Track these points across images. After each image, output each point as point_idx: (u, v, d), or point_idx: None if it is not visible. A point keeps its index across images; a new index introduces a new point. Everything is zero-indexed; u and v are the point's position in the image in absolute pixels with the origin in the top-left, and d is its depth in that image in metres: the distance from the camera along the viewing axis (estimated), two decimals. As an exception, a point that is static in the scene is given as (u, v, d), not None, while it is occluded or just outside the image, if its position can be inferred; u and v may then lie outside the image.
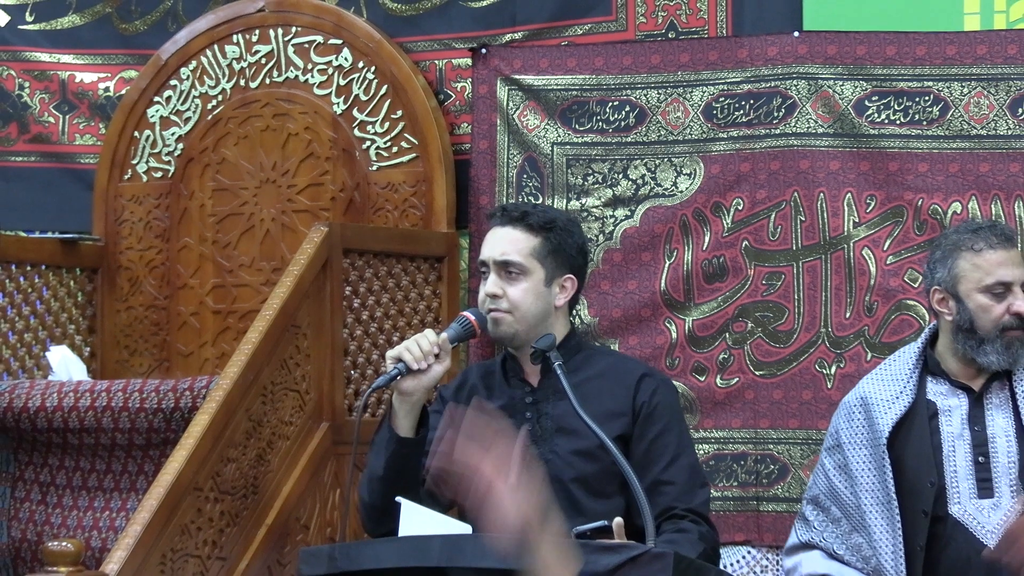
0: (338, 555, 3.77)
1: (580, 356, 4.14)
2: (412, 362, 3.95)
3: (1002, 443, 4.10)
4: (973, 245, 4.14)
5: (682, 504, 3.97)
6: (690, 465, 4.05)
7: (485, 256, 4.10)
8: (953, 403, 4.15)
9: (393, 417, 4.02)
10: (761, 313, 5.33)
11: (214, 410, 4.63)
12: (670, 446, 4.02)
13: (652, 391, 4.07)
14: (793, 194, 5.30)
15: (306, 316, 5.02)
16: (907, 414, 4.14)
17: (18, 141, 6.27)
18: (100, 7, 6.21)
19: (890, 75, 5.22)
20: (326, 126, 5.79)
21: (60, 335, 5.78)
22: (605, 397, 4.06)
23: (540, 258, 4.07)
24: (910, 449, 4.13)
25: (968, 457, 4.10)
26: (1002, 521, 4.04)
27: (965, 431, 4.12)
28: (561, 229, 4.12)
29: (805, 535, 4.25)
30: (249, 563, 4.71)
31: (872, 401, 4.19)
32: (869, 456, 4.16)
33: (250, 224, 5.86)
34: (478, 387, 4.16)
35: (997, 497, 4.07)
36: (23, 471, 5.14)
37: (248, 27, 5.92)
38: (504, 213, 4.13)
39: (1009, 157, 5.12)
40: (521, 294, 4.06)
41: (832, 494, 4.21)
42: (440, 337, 4.01)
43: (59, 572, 4.10)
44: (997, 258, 4.12)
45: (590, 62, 5.54)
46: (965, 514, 4.08)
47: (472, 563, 3.57)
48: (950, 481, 4.10)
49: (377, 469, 4.03)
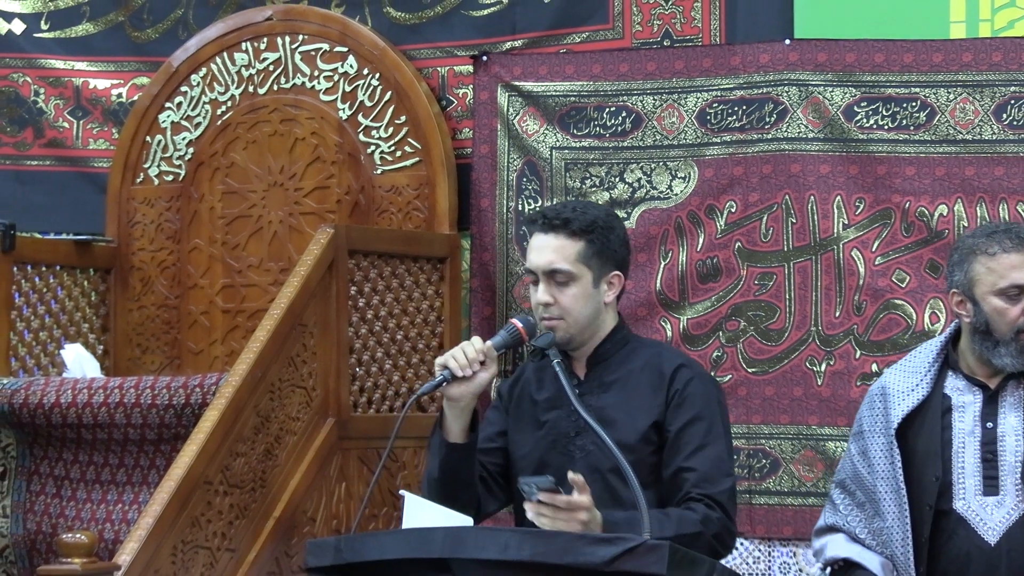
0: (344, 547, 3.76)
1: (626, 349, 4.11)
2: (457, 369, 3.91)
3: (1011, 441, 4.07)
4: (987, 249, 4.08)
5: (699, 490, 3.92)
6: (716, 456, 3.97)
7: (533, 265, 4.04)
8: (968, 399, 4.12)
9: (444, 423, 3.98)
10: (753, 312, 5.33)
11: (223, 406, 4.64)
12: (696, 435, 3.97)
13: (686, 381, 4.02)
14: (784, 197, 5.30)
15: (313, 315, 5.02)
16: (921, 406, 4.12)
17: (34, 145, 6.28)
18: (113, 16, 6.22)
19: (878, 81, 5.22)
20: (332, 131, 5.79)
21: (74, 333, 5.79)
22: (644, 388, 4.03)
23: (586, 261, 4.02)
24: (921, 442, 4.11)
25: (977, 454, 4.08)
26: (1005, 518, 4.05)
27: (977, 428, 4.10)
28: (603, 228, 4.05)
29: (831, 518, 4.25)
30: (257, 554, 4.71)
31: (891, 391, 4.17)
32: (884, 444, 4.14)
33: (258, 226, 5.87)
34: (531, 380, 4.15)
35: (1002, 495, 4.05)
36: (38, 465, 5.14)
37: (256, 35, 5.93)
38: (546, 220, 4.04)
39: (994, 161, 5.12)
40: (571, 300, 4.02)
41: (857, 479, 4.20)
42: (486, 345, 3.97)
43: (73, 563, 4.10)
44: (1011, 261, 4.07)
45: (588, 69, 5.54)
46: (969, 510, 4.06)
47: (473, 555, 3.57)
48: (957, 477, 4.08)
49: (433, 471, 4.01)
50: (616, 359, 4.07)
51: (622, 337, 4.11)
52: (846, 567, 4.18)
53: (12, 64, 6.29)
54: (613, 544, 3.48)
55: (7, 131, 6.30)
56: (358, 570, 3.73)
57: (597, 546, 3.49)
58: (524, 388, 4.14)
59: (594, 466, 3.94)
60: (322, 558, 3.79)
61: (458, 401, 3.95)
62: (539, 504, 3.67)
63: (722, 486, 3.95)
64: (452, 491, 3.94)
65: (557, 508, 3.67)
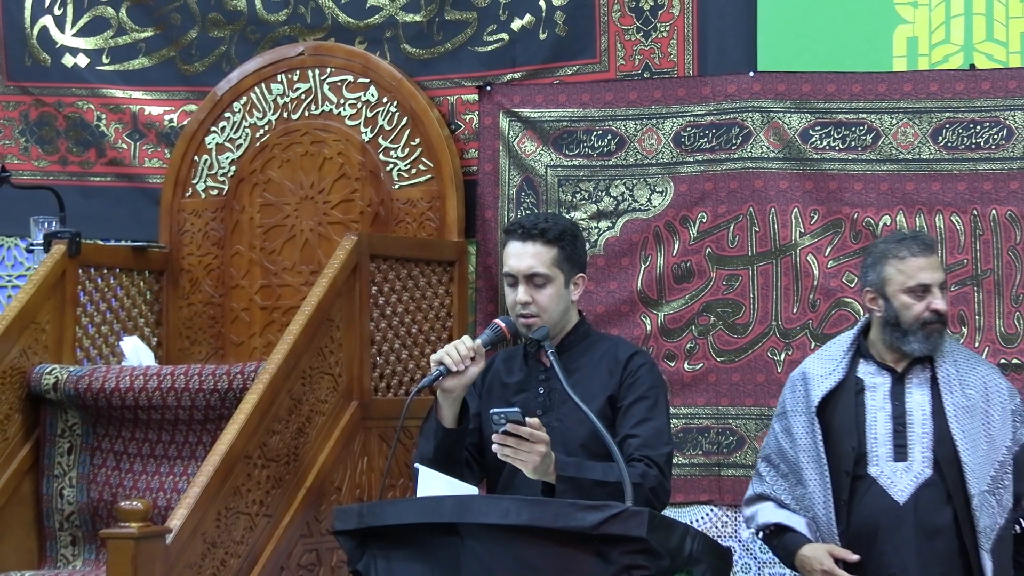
0: (365, 513, 3.77)
1: (587, 341, 4.12)
2: (452, 364, 3.91)
3: (918, 416, 4.11)
4: (898, 253, 4.15)
5: (641, 452, 3.92)
6: (657, 427, 3.98)
7: (513, 269, 4.04)
8: (879, 380, 4.17)
9: (439, 410, 3.98)
10: (722, 309, 5.33)
11: (261, 390, 4.64)
12: (642, 410, 3.98)
13: (638, 366, 4.04)
14: (749, 209, 5.30)
15: (339, 311, 5.02)
16: (837, 388, 4.17)
17: (96, 164, 6.28)
18: (165, 51, 6.22)
19: (831, 108, 5.22)
20: (356, 151, 5.79)
21: (132, 327, 5.79)
22: (603, 371, 4.04)
23: (559, 265, 4.03)
24: (837, 418, 4.17)
25: (888, 426, 4.12)
26: (913, 481, 4.07)
27: (887, 404, 4.14)
28: (571, 236, 4.08)
29: (759, 488, 4.29)
30: (291, 520, 4.71)
31: (810, 376, 4.23)
32: (806, 422, 4.18)
33: (292, 234, 5.87)
34: (500, 369, 4.15)
35: (910, 461, 4.09)
36: (100, 442, 5.14)
37: (290, 68, 5.92)
38: (524, 230, 4.05)
39: (931, 178, 5.12)
40: (547, 299, 4.03)
41: (780, 453, 4.23)
42: (475, 343, 3.98)
43: (130, 527, 4.11)
44: (918, 264, 4.13)
45: (578, 98, 5.54)
46: (881, 474, 4.10)
47: (478, 519, 3.58)
48: (871, 446, 4.12)
49: (427, 452, 3.99)
50: (578, 349, 4.08)
51: (584, 331, 4.13)
52: (778, 531, 4.22)
53: (78, 93, 6.29)
54: (600, 510, 3.49)
55: (73, 151, 6.30)
56: (378, 533, 3.74)
57: (586, 512, 3.50)
58: (495, 375, 4.14)
59: (559, 440, 3.93)
60: (347, 522, 3.79)
61: (451, 392, 3.94)
62: (504, 436, 3.68)
63: (661, 451, 3.96)
64: (443, 469, 3.93)
65: (520, 439, 3.68)
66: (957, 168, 5.09)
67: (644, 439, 3.94)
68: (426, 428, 4.03)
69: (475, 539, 3.57)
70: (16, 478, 5.11)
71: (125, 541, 4.08)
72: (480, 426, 4.07)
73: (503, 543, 3.54)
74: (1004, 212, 5.02)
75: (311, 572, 4.77)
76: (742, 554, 5.26)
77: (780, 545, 4.22)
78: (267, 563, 4.60)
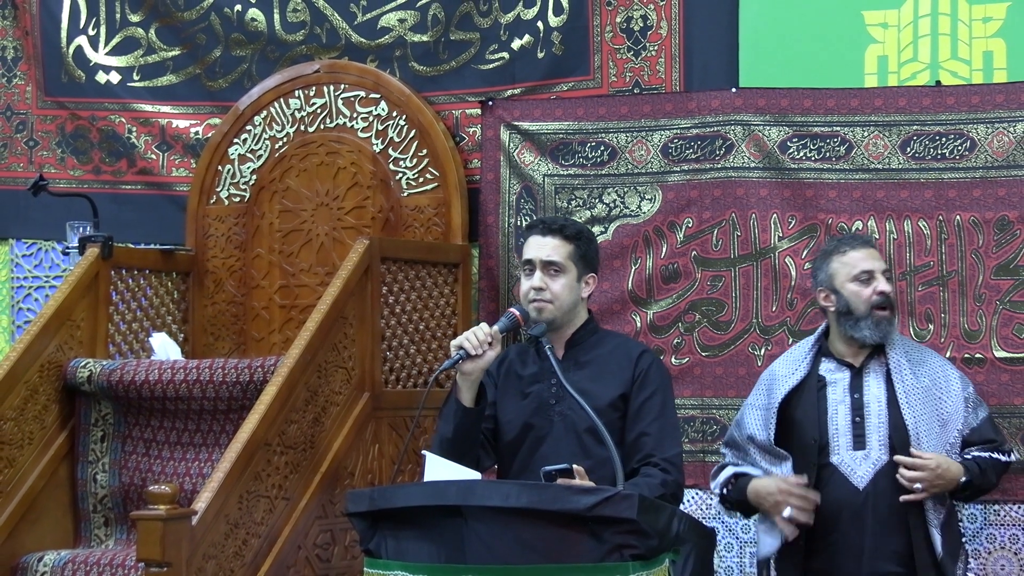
0: (376, 496, 3.77)
1: (595, 337, 4.15)
2: (471, 349, 3.93)
3: (875, 407, 4.19)
4: (840, 249, 4.31)
5: (658, 453, 3.97)
6: (668, 425, 4.04)
7: (531, 256, 4.09)
8: (838, 376, 4.26)
9: (458, 392, 4.00)
10: (706, 307, 5.32)
11: (280, 383, 4.63)
12: (654, 408, 4.03)
13: (648, 364, 4.09)
14: (731, 215, 5.29)
15: (352, 310, 5.02)
16: (800, 385, 4.27)
17: (127, 173, 6.28)
18: (191, 69, 6.21)
19: (807, 121, 5.21)
20: (367, 162, 5.78)
21: (160, 324, 5.78)
22: (613, 367, 4.08)
23: (574, 260, 4.09)
24: (800, 412, 4.26)
25: (848, 418, 4.19)
26: (872, 468, 4.13)
27: (847, 397, 4.21)
28: (587, 238, 4.15)
29: (721, 463, 4.43)
30: (307, 503, 4.71)
31: (776, 376, 4.35)
32: (760, 416, 4.29)
33: (308, 238, 5.86)
34: (515, 360, 4.17)
35: (868, 449, 4.15)
36: (131, 430, 5.14)
37: (307, 84, 5.92)
38: (545, 225, 4.12)
39: (900, 186, 5.11)
40: (560, 288, 4.07)
41: (732, 441, 4.41)
42: (492, 329, 3.99)
43: (159, 509, 4.10)
44: (859, 255, 4.28)
45: (573, 112, 5.53)
46: (842, 462, 4.17)
47: (481, 502, 3.58)
48: (832, 438, 4.19)
49: (447, 433, 4.01)
50: (588, 344, 4.12)
51: (593, 328, 4.17)
52: (735, 479, 4.31)
53: (110, 108, 6.28)
54: (593, 494, 3.51)
55: (106, 162, 6.29)
56: (388, 515, 3.74)
57: (580, 495, 3.51)
58: (510, 367, 4.17)
59: (570, 428, 3.99)
60: (359, 505, 3.79)
61: (470, 375, 3.97)
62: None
63: (672, 451, 4.02)
64: (462, 449, 3.95)
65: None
66: (924, 177, 5.08)
67: (657, 437, 4.00)
68: (445, 411, 4.05)
69: (478, 520, 3.58)
70: (53, 464, 5.10)
71: (154, 522, 4.07)
72: (495, 413, 4.11)
73: (504, 524, 3.54)
74: (968, 218, 5.02)
75: (326, 551, 4.76)
76: (725, 534, 5.26)
77: (736, 489, 4.29)
78: (285, 543, 4.59)
